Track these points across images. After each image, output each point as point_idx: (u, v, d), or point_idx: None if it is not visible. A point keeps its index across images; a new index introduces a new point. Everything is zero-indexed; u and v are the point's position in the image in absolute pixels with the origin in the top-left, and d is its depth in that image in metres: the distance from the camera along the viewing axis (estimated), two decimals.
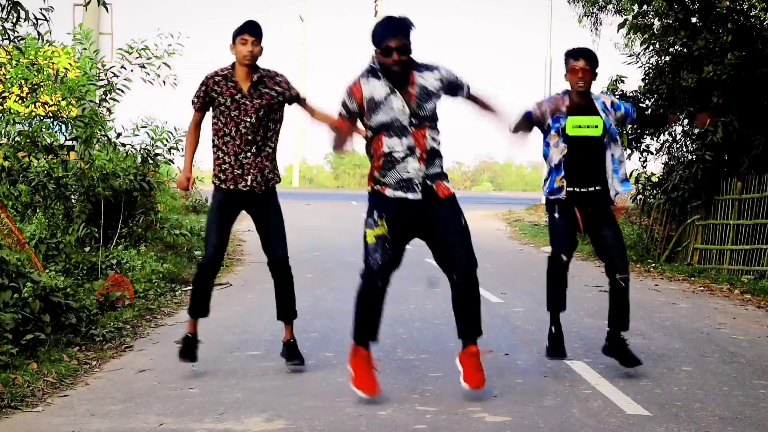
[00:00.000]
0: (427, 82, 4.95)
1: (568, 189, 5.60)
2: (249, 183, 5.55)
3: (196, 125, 5.70)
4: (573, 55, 5.63)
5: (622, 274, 5.67)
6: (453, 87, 5.05)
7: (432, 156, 4.93)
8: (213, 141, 5.61)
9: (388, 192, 4.91)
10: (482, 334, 5.08)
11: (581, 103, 5.62)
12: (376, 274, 4.93)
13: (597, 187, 5.62)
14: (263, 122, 5.56)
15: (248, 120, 5.51)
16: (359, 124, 5.06)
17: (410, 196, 4.88)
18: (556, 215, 5.67)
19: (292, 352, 5.72)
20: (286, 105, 5.69)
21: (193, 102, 5.64)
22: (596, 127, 5.59)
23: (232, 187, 5.55)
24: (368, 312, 5.04)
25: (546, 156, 5.71)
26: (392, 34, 4.83)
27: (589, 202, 5.63)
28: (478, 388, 4.93)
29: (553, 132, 5.61)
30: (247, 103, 5.52)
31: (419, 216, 4.91)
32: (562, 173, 5.61)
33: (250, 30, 5.50)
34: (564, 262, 5.65)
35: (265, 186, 5.60)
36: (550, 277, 5.73)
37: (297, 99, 5.70)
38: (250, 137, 5.53)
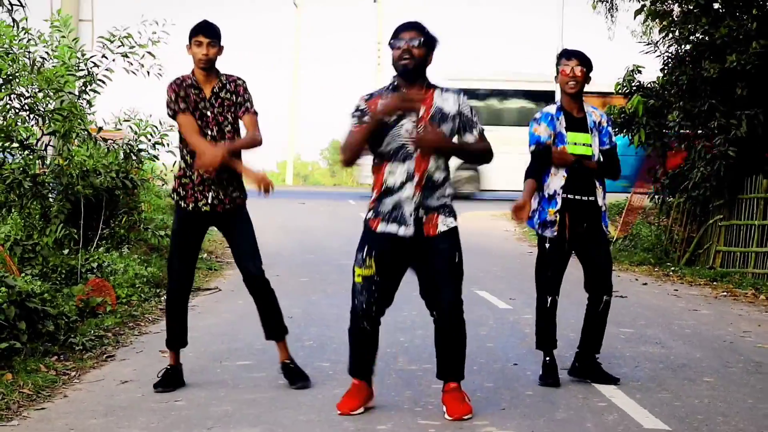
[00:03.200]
0: (445, 104, 4.91)
1: (563, 196, 5.61)
2: (210, 201, 5.45)
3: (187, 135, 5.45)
4: (565, 54, 5.71)
5: (608, 296, 5.71)
6: (464, 122, 4.94)
7: (432, 185, 4.86)
8: (180, 151, 5.55)
9: (380, 227, 4.88)
10: (464, 377, 5.00)
11: (577, 117, 5.69)
12: (361, 317, 4.97)
13: (591, 198, 5.67)
14: (225, 134, 5.46)
15: (209, 132, 5.42)
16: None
17: (401, 231, 4.84)
18: (547, 245, 5.67)
19: (294, 375, 5.61)
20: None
21: (173, 109, 5.44)
22: (589, 145, 5.67)
23: (192, 206, 5.46)
24: (358, 350, 5.10)
25: (542, 183, 5.66)
26: (404, 28, 4.86)
27: (583, 212, 5.64)
28: (461, 417, 4.85)
29: None
30: (208, 114, 5.44)
31: (411, 250, 4.89)
32: (557, 206, 5.61)
33: (204, 31, 5.42)
34: (550, 304, 5.74)
35: (230, 205, 5.50)
36: (538, 317, 5.82)
37: (246, 111, 5.49)
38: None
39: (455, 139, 4.94)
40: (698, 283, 11.66)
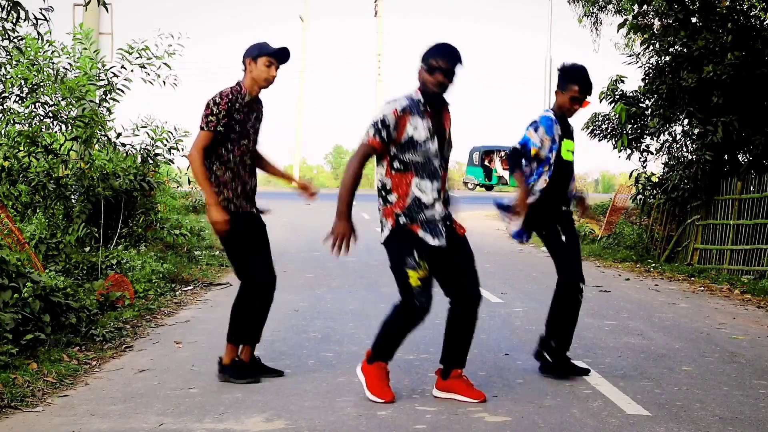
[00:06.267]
0: (450, 123, 4.95)
1: (563, 208, 5.55)
2: (251, 209, 5.39)
3: (205, 150, 5.23)
4: (581, 86, 5.49)
5: (584, 285, 5.54)
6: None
7: (448, 198, 4.93)
8: (221, 166, 5.25)
9: (420, 233, 4.79)
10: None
11: (566, 125, 5.61)
12: (422, 315, 4.85)
13: (566, 207, 5.60)
14: (256, 143, 5.43)
15: (249, 145, 5.36)
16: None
17: (436, 242, 4.79)
18: (564, 238, 5.52)
19: (264, 368, 5.52)
20: None
21: (211, 124, 5.16)
22: (572, 152, 5.60)
23: (248, 211, 5.36)
24: (401, 339, 4.97)
25: (528, 182, 5.52)
26: (444, 55, 4.77)
27: (563, 218, 5.57)
28: (485, 399, 4.91)
29: (551, 162, 5.51)
30: (249, 127, 5.35)
31: (445, 257, 4.85)
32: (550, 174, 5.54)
33: (282, 57, 5.27)
34: (582, 291, 5.53)
35: (256, 209, 5.47)
36: (567, 310, 5.51)
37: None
38: (249, 162, 5.36)
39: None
40: (677, 279, 11.65)
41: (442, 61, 4.75)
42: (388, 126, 4.72)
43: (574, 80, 5.52)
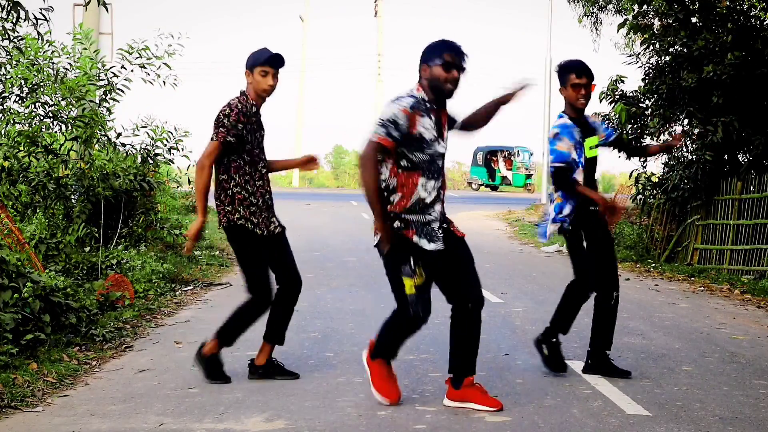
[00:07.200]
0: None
1: (591, 209, 5.51)
2: (277, 224, 5.36)
3: (213, 163, 5.23)
4: (576, 71, 5.53)
5: (617, 292, 5.59)
6: (450, 120, 4.92)
7: (444, 199, 4.83)
8: (233, 179, 5.24)
9: (415, 239, 4.67)
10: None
11: (584, 122, 5.60)
12: (418, 324, 4.80)
13: (596, 207, 5.59)
14: (264, 152, 5.42)
15: (264, 157, 5.37)
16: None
17: (433, 246, 4.67)
18: (585, 243, 5.52)
19: (282, 369, 5.56)
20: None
21: (220, 135, 5.15)
22: (597, 146, 5.61)
23: (266, 232, 5.30)
24: (401, 342, 4.94)
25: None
26: (457, 52, 4.68)
27: (598, 219, 5.56)
28: (502, 407, 4.76)
29: (582, 165, 5.53)
30: (260, 138, 5.35)
31: (443, 260, 4.74)
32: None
33: (274, 63, 5.24)
34: (617, 298, 5.58)
35: (282, 226, 5.44)
36: (602, 316, 5.59)
37: None
38: (266, 175, 5.36)
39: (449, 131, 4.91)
40: (677, 279, 11.65)
41: (456, 58, 4.68)
42: (400, 124, 4.59)
43: (569, 70, 5.56)
